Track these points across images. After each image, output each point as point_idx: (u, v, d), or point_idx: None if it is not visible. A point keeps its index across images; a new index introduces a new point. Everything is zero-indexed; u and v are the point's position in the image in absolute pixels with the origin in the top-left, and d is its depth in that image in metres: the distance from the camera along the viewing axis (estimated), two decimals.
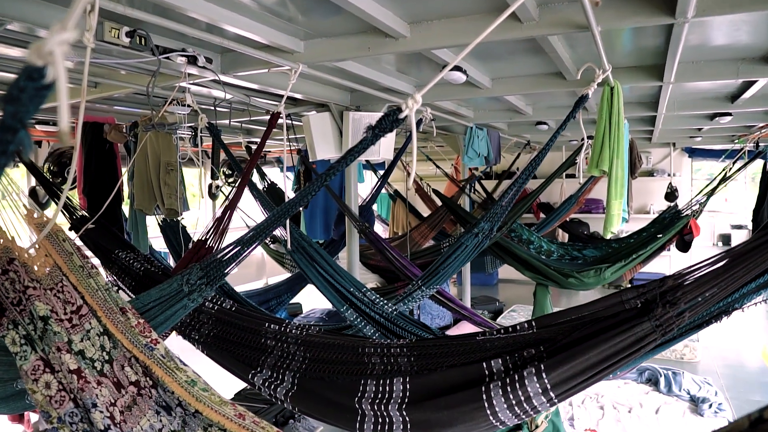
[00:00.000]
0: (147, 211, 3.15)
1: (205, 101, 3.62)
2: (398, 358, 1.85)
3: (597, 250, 5.05)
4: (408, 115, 1.30)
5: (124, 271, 2.46)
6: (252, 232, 1.73)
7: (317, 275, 2.65)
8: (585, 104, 2.61)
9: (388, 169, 3.99)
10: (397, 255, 3.28)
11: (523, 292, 8.11)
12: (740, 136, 6.59)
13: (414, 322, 2.57)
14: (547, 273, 4.31)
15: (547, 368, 1.58)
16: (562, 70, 2.87)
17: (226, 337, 2.10)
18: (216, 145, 3.32)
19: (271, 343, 2.04)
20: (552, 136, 2.58)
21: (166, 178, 3.04)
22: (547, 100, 4.32)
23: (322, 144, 3.46)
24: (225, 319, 2.13)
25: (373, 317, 2.53)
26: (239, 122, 3.96)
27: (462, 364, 1.74)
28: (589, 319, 1.62)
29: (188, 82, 2.61)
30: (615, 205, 3.02)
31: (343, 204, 3.58)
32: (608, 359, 1.54)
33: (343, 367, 1.88)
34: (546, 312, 4.61)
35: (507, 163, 6.91)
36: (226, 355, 2.08)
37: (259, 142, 2.50)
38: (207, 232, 2.77)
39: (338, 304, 2.56)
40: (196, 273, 1.77)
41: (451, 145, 5.90)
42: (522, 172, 2.62)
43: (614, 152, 2.93)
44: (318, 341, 1.98)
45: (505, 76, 3.21)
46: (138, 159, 3.13)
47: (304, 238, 2.74)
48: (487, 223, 2.68)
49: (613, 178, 2.96)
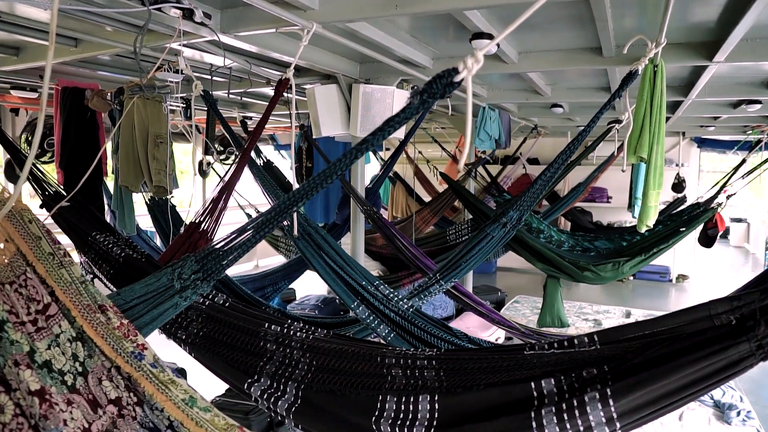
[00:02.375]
0: (133, 188, 2.83)
1: (199, 69, 3.28)
2: (424, 371, 1.57)
3: (610, 242, 4.81)
4: (465, 78, 1.02)
5: (101, 257, 2.14)
6: (260, 219, 1.42)
7: (324, 266, 2.36)
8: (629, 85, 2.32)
9: (398, 148, 3.69)
10: (407, 244, 2.99)
11: (523, 281, 7.89)
12: (754, 126, 6.35)
13: (434, 322, 2.30)
14: (560, 265, 4.06)
15: (614, 393, 1.30)
16: (603, 43, 2.57)
17: (218, 338, 1.81)
18: (211, 117, 2.99)
19: (272, 347, 1.76)
20: (594, 116, 2.29)
21: (155, 152, 2.72)
22: (568, 80, 4.02)
23: (327, 119, 3.14)
24: (217, 316, 1.84)
25: (388, 315, 2.25)
26: (238, 93, 3.62)
27: (504, 382, 1.46)
28: (667, 335, 1.34)
29: (182, 43, 2.27)
30: (653, 196, 2.74)
31: (349, 185, 3.28)
32: (692, 385, 1.26)
33: (357, 379, 1.60)
34: (557, 306, 4.38)
35: (511, 148, 6.62)
36: (218, 360, 1.80)
37: (263, 114, 2.18)
38: (201, 214, 2.47)
39: (348, 300, 2.27)
40: (190, 266, 1.47)
41: (458, 126, 5.60)
42: (558, 157, 2.33)
43: (655, 138, 2.65)
44: (327, 347, 1.70)
45: (534, 49, 2.90)
46: (123, 130, 2.79)
47: (309, 223, 2.44)
48: (516, 212, 2.40)
49: (652, 166, 2.68)
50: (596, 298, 6.46)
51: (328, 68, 2.99)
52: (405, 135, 3.45)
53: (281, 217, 1.53)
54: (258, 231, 1.44)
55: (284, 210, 1.49)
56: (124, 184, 2.79)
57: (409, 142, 3.81)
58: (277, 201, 1.54)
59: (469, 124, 1.08)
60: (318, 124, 3.14)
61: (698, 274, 8.16)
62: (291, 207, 1.42)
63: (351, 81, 3.17)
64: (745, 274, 9.03)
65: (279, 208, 1.49)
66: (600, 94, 4.03)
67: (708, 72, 2.96)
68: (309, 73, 3.31)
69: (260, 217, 1.42)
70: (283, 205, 1.46)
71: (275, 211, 1.48)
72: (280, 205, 1.48)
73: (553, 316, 4.34)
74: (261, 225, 1.43)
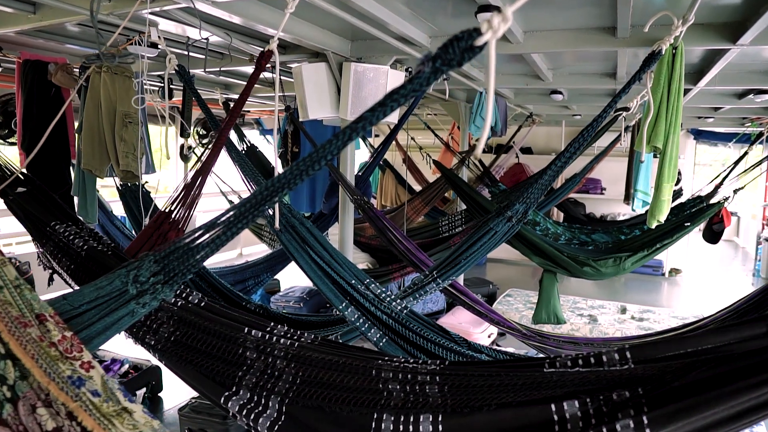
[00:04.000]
0: (98, 173, 2.56)
1: (180, 44, 3.00)
2: (426, 387, 1.36)
3: (608, 235, 4.63)
4: (489, 41, 0.80)
5: (61, 250, 1.90)
6: (236, 211, 1.18)
7: (310, 262, 2.13)
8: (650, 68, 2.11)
9: (391, 133, 3.45)
10: (400, 236, 2.77)
11: (514, 273, 7.72)
12: (753, 119, 6.20)
13: (430, 325, 2.08)
14: (558, 260, 3.87)
15: (652, 422, 1.09)
16: (619, 21, 2.35)
17: (191, 344, 1.60)
18: (188, 96, 2.73)
19: (252, 355, 1.56)
20: (611, 101, 2.08)
21: (123, 133, 2.45)
22: (571, 65, 3.80)
23: (315, 101, 2.89)
24: (191, 319, 1.62)
25: (380, 317, 2.03)
26: (218, 72, 3.35)
27: (519, 403, 1.25)
28: (715, 354, 1.13)
29: (151, 10, 2.01)
30: (666, 189, 2.55)
31: (338, 172, 3.04)
32: (746, 414, 1.05)
33: (349, 394, 1.40)
34: (553, 302, 4.19)
35: (504, 137, 6.40)
36: (191, 369, 1.58)
37: (242, 91, 1.94)
38: (173, 202, 2.22)
39: (336, 300, 2.05)
40: (148, 267, 1.24)
41: (451, 112, 5.37)
42: (570, 146, 2.12)
43: (671, 127, 2.45)
44: (315, 357, 1.49)
45: (541, 28, 2.67)
46: (88, 107, 2.52)
47: (294, 215, 2.20)
48: (522, 205, 2.19)
49: (667, 158, 2.48)
50: (589, 292, 6.30)
51: (316, 45, 2.73)
52: (399, 119, 3.21)
53: (260, 208, 1.28)
54: (232, 225, 1.20)
55: (264, 200, 1.25)
56: (87, 167, 2.52)
57: (401, 128, 3.57)
58: (256, 189, 1.30)
59: (490, 100, 0.86)
60: (305, 105, 2.89)
61: (691, 268, 8.05)
62: (272, 196, 1.17)
63: (341, 59, 2.92)
64: (736, 268, 8.95)
65: (257, 198, 1.24)
66: (604, 81, 3.82)
67: (726, 57, 2.75)
68: (296, 50, 3.05)
69: (235, 208, 1.18)
70: (263, 194, 1.21)
71: (253, 201, 1.24)
72: (259, 195, 1.23)
73: (549, 312, 4.15)
74: (236, 218, 1.19)
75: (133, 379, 3.51)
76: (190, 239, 1.26)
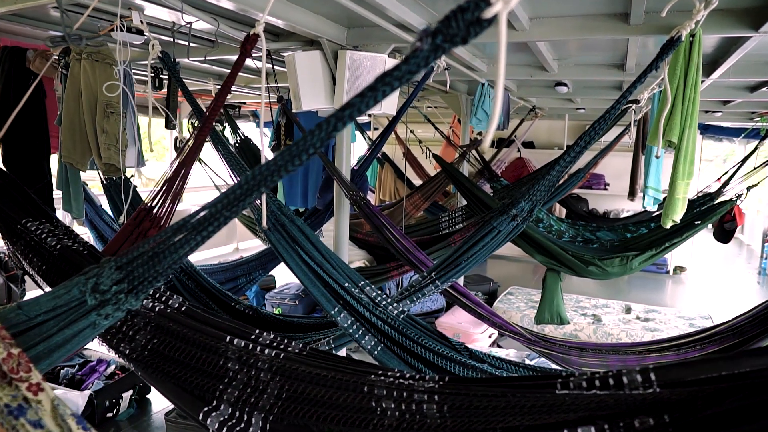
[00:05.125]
0: (79, 166, 2.42)
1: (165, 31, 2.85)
2: (423, 406, 1.22)
3: (613, 233, 4.49)
4: (500, 13, 0.65)
5: (32, 249, 1.75)
6: (207, 212, 1.04)
7: (300, 263, 1.98)
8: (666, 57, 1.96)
9: (389, 125, 3.30)
10: (398, 235, 2.62)
11: (515, 270, 7.58)
12: (763, 113, 6.04)
13: (429, 332, 1.94)
14: (563, 258, 3.73)
15: None
16: (634, 7, 2.19)
17: (169, 354, 1.47)
18: (173, 85, 2.58)
19: (234, 367, 1.43)
20: (624, 92, 1.93)
21: (104, 124, 2.30)
22: (577, 56, 3.65)
23: (309, 91, 2.74)
24: (169, 327, 1.49)
25: (375, 324, 1.89)
26: (200, 60, 3.20)
27: (528, 428, 1.11)
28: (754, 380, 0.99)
29: None
30: (682, 186, 2.41)
31: (333, 166, 2.89)
32: None
33: (339, 412, 1.27)
34: (557, 302, 4.04)
35: (506, 131, 6.24)
36: (168, 382, 1.45)
37: (226, 78, 1.79)
38: (153, 197, 2.08)
39: (328, 305, 1.91)
40: (108, 274, 1.09)
41: (452, 105, 5.22)
42: (580, 139, 1.97)
43: (687, 120, 2.30)
44: (302, 370, 1.35)
45: (549, 14, 2.52)
46: (68, 97, 2.37)
47: (284, 212, 2.06)
48: (528, 203, 2.04)
49: (683, 153, 2.34)
50: (592, 291, 6.16)
51: (310, 32, 2.58)
52: (397, 111, 3.06)
53: (242, 203, 1.13)
54: (203, 228, 1.05)
55: (246, 194, 1.08)
56: (68, 160, 2.38)
57: (400, 120, 3.42)
58: (237, 181, 1.14)
59: (501, 82, 0.71)
60: (298, 96, 2.74)
61: (695, 265, 7.91)
62: (246, 195, 1.02)
63: (337, 48, 2.76)
64: (740, 266, 8.82)
65: (238, 192, 1.08)
66: (612, 72, 3.67)
67: (744, 47, 2.59)
68: (289, 38, 2.90)
69: (206, 207, 1.03)
70: (245, 187, 1.05)
71: (232, 195, 1.08)
72: (240, 188, 1.07)
73: (552, 312, 4.01)
74: (207, 219, 1.05)
75: (120, 380, 3.38)
76: (157, 243, 1.11)
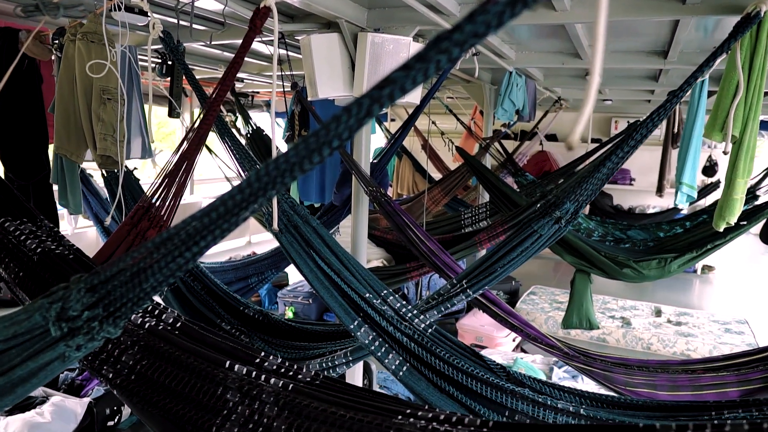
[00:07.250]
0: (74, 158, 2.21)
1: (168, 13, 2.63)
2: None
3: (644, 232, 4.22)
4: None
5: (9, 253, 1.54)
6: (198, 222, 0.81)
7: (315, 269, 1.76)
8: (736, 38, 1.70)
9: (411, 116, 3.06)
10: (423, 236, 2.39)
11: (535, 268, 7.30)
12: None
13: (461, 349, 1.71)
14: (595, 259, 3.48)
15: None
16: None
17: (158, 380, 1.25)
18: (176, 70, 2.36)
19: (234, 398, 1.21)
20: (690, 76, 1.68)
21: (101, 111, 2.09)
22: (613, 42, 3.37)
23: (326, 77, 2.51)
24: (159, 348, 1.28)
25: (399, 340, 1.66)
26: (208, 46, 2.97)
27: None
28: None
29: None
30: (740, 186, 2.15)
31: (351, 159, 2.67)
32: None
33: None
34: (586, 305, 3.80)
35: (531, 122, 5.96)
36: (156, 414, 1.23)
37: (234, 57, 1.57)
38: (154, 192, 1.86)
39: (346, 318, 1.68)
40: (77, 297, 0.86)
41: (475, 95, 4.96)
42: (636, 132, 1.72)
43: (752, 112, 2.04)
44: (315, 406, 1.12)
45: None
46: (62, 82, 2.16)
47: (297, 211, 1.84)
48: (573, 204, 1.80)
49: (744, 148, 2.08)
50: (618, 291, 5.87)
51: (328, 11, 2.34)
52: (421, 100, 2.82)
53: (245, 211, 0.91)
54: (196, 241, 0.83)
55: (249, 199, 0.86)
56: (62, 152, 2.17)
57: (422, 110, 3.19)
58: (239, 183, 0.93)
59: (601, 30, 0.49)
60: (314, 83, 2.51)
61: (724, 264, 7.58)
62: (252, 201, 0.80)
63: (357, 30, 2.52)
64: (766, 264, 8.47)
65: (238, 198, 0.86)
66: (651, 60, 3.40)
67: None
68: (305, 19, 2.66)
69: (198, 218, 0.81)
70: (247, 191, 0.83)
71: (231, 202, 0.86)
72: (248, 187, 0.84)
73: (581, 316, 3.77)
74: (199, 231, 0.83)
75: None
76: (141, 257, 0.89)
